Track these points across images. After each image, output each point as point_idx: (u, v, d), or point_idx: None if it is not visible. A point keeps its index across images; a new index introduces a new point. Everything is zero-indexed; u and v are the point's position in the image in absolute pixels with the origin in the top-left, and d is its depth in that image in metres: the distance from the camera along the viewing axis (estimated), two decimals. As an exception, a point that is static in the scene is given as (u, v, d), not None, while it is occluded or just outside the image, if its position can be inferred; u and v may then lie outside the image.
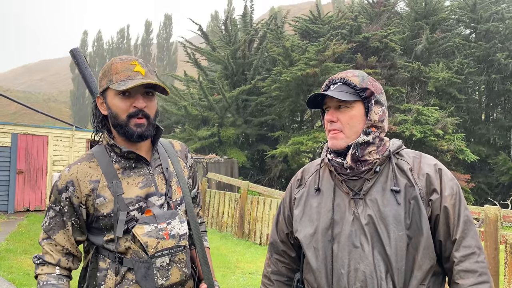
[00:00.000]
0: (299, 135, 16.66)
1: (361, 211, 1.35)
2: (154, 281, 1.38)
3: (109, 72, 1.44)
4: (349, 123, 1.40)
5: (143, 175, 1.48)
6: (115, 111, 1.43)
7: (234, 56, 19.44)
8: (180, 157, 1.65)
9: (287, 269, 1.61)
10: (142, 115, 1.43)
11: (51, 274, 1.41)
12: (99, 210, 1.41)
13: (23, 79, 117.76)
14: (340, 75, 1.45)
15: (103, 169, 1.44)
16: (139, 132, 1.43)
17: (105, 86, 1.44)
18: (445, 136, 15.10)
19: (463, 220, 1.32)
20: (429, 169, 1.37)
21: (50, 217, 1.44)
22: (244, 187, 8.87)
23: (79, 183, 1.42)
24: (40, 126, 11.92)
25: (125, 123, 1.43)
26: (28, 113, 53.97)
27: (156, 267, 1.38)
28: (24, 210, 10.97)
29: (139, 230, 1.38)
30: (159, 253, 1.38)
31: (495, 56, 17.59)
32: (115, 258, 1.42)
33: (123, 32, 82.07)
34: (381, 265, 1.29)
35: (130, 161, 1.48)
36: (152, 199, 1.45)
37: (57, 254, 1.43)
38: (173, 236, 1.42)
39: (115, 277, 1.41)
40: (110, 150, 1.48)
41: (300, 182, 1.59)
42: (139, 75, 1.43)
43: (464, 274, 1.28)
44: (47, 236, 1.44)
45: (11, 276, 5.36)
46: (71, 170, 1.44)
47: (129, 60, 1.45)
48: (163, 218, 1.42)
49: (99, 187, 1.42)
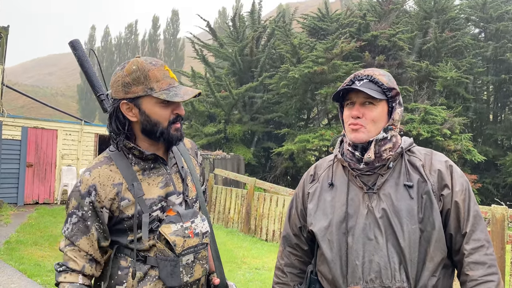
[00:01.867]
0: (305, 133, 16.67)
1: (375, 205, 1.40)
2: (180, 278, 1.40)
3: (146, 79, 1.41)
4: (373, 119, 1.44)
5: (162, 175, 1.49)
6: (156, 119, 1.43)
7: (242, 53, 19.46)
8: (191, 155, 1.67)
9: (299, 262, 1.65)
10: (180, 120, 1.48)
11: (74, 284, 1.37)
12: (124, 212, 1.41)
13: (31, 73, 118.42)
14: (366, 72, 1.49)
15: (123, 172, 1.44)
16: (179, 136, 1.48)
17: (143, 93, 1.41)
18: (452, 136, 15.04)
19: (472, 215, 1.38)
20: (441, 166, 1.43)
21: (72, 223, 1.41)
22: (251, 184, 8.92)
23: (103, 186, 1.40)
24: (49, 120, 12.03)
25: (166, 130, 1.44)
26: (35, 107, 54.32)
27: (182, 264, 1.41)
28: (33, 202, 11.11)
29: (167, 229, 1.40)
30: (185, 251, 1.41)
31: (504, 56, 17.46)
32: (137, 256, 1.42)
33: (131, 27, 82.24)
34: (394, 257, 1.34)
35: (149, 162, 1.48)
36: (172, 198, 1.48)
37: (81, 260, 1.39)
38: (197, 234, 1.45)
39: (138, 274, 1.41)
40: (128, 152, 1.47)
41: (313, 178, 1.63)
42: (175, 81, 1.46)
43: (474, 266, 1.33)
44: (70, 242, 1.40)
45: (22, 267, 5.46)
46: (92, 174, 1.42)
47: (162, 66, 1.44)
48: (187, 217, 1.45)
49: (122, 190, 1.42)
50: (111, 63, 76.73)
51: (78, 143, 12.16)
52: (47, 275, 5.23)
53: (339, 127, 16.23)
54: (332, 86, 15.83)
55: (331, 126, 17.47)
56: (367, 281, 1.36)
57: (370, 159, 1.43)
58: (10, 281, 4.92)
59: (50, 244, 6.82)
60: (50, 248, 6.64)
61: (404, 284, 1.33)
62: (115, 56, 78.81)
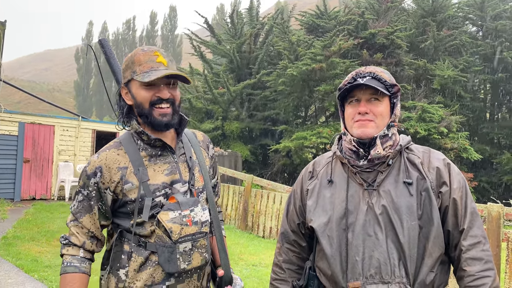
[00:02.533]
0: (303, 130, 16.68)
1: (375, 201, 1.42)
2: (177, 265, 1.44)
3: (132, 63, 1.48)
4: (381, 114, 1.46)
5: (168, 163, 1.54)
6: (139, 101, 1.48)
7: (240, 50, 19.43)
8: (202, 147, 1.71)
9: (297, 258, 1.66)
10: (168, 103, 1.49)
11: (75, 256, 1.47)
12: (127, 196, 1.47)
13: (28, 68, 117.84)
14: (368, 70, 1.50)
15: (130, 157, 1.50)
16: (166, 121, 1.49)
17: (129, 77, 1.49)
18: (449, 134, 15.10)
19: (470, 212, 1.40)
20: (439, 163, 1.45)
21: (78, 201, 1.49)
22: (249, 181, 8.93)
23: (108, 169, 1.47)
24: (47, 116, 12.00)
25: (148, 112, 1.48)
26: (32, 102, 54.12)
27: (179, 252, 1.44)
28: (30, 198, 11.09)
29: (164, 216, 1.44)
30: (182, 238, 1.45)
31: (502, 55, 17.52)
32: (138, 242, 1.48)
33: (129, 23, 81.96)
34: (394, 253, 1.36)
35: (156, 149, 1.53)
36: (177, 186, 1.52)
37: (82, 236, 1.48)
38: (196, 223, 1.49)
39: (139, 259, 1.47)
40: (137, 138, 1.53)
41: (312, 174, 1.64)
42: (162, 66, 1.47)
43: (471, 262, 1.35)
44: (75, 218, 1.49)
45: (19, 262, 5.46)
46: (100, 157, 1.49)
47: (151, 51, 1.49)
48: (186, 205, 1.49)
49: (127, 174, 1.47)
50: (109, 59, 76.38)
51: (75, 139, 12.14)
52: (44, 270, 5.23)
53: (337, 125, 16.25)
54: (330, 84, 15.83)
55: (328, 123, 17.48)
56: (367, 276, 1.37)
57: (380, 154, 1.44)
58: (7, 277, 4.92)
59: (47, 240, 6.82)
60: (47, 243, 6.63)
61: (403, 280, 1.35)
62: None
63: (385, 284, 1.35)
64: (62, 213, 9.29)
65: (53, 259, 5.79)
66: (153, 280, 1.47)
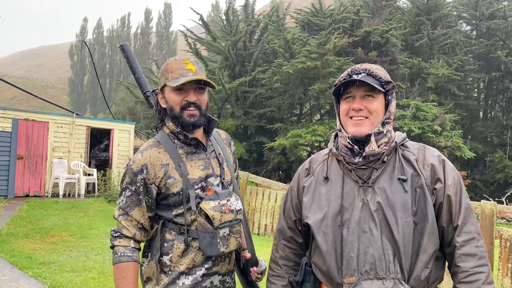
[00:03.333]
0: (298, 128, 16.70)
1: (370, 198, 1.43)
2: (218, 248, 1.62)
3: (166, 71, 1.69)
4: (375, 111, 1.47)
5: (202, 159, 1.73)
6: (171, 104, 1.68)
7: (235, 47, 19.39)
8: (226, 145, 1.90)
9: (294, 254, 1.68)
10: (194, 107, 1.66)
11: (127, 247, 1.63)
12: (170, 189, 1.64)
13: (21, 65, 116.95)
14: (363, 66, 1.51)
15: (170, 154, 1.67)
16: (192, 122, 1.66)
17: (163, 83, 1.70)
18: (443, 132, 15.18)
19: (464, 208, 1.41)
20: (434, 160, 1.45)
21: (126, 196, 1.65)
22: (244, 178, 8.93)
23: (153, 166, 1.64)
24: (41, 112, 11.93)
25: (179, 114, 1.67)
26: (26, 99, 53.74)
27: (219, 236, 1.62)
28: (23, 195, 11.03)
29: (206, 205, 1.62)
30: (222, 225, 1.63)
31: (495, 54, 17.63)
32: (180, 230, 1.66)
33: (124, 20, 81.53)
34: (389, 249, 1.37)
35: (191, 147, 1.73)
36: (211, 180, 1.71)
37: (133, 228, 1.64)
38: (232, 211, 1.67)
39: (182, 246, 1.65)
40: (174, 137, 1.72)
41: (308, 171, 1.65)
42: (190, 73, 1.66)
43: (465, 258, 1.36)
44: (124, 212, 1.65)
45: (13, 259, 5.43)
46: (144, 155, 1.65)
47: (182, 60, 1.69)
48: (223, 196, 1.68)
49: (169, 170, 1.65)
50: (102, 56, 76.06)
51: (69, 136, 12.07)
52: (39, 267, 5.22)
53: (331, 123, 16.29)
54: (325, 82, 15.85)
55: (323, 121, 17.52)
56: (362, 272, 1.38)
57: (374, 151, 1.45)
58: (1, 273, 4.90)
59: (41, 237, 6.79)
60: (41, 240, 6.61)
61: (398, 276, 1.35)
62: (106, 48, 78.12)
63: (379, 279, 1.36)
64: (56, 210, 9.25)
65: (47, 256, 5.77)
66: (194, 264, 1.65)
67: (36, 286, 4.60)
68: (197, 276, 1.65)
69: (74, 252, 6.15)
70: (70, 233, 7.21)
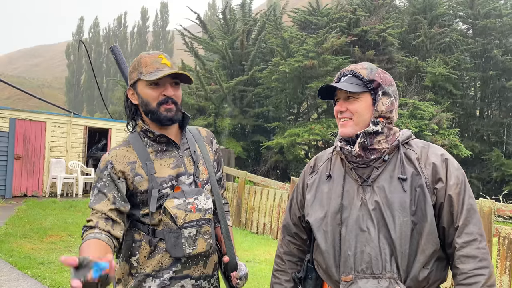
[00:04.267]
0: (295, 127, 16.73)
1: (368, 197, 1.43)
2: (183, 249, 1.55)
3: (139, 65, 1.62)
4: (357, 111, 1.47)
5: (173, 157, 1.66)
6: (146, 99, 1.61)
7: (232, 46, 19.39)
8: (206, 142, 1.84)
9: (298, 250, 1.70)
10: (172, 102, 1.62)
11: (89, 234, 1.47)
12: (137, 187, 1.59)
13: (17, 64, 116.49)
14: (350, 68, 1.53)
15: (138, 153, 1.63)
16: (169, 116, 1.61)
17: (136, 78, 1.62)
18: (440, 131, 15.24)
19: (466, 208, 1.39)
20: (436, 159, 1.44)
21: (94, 194, 1.58)
22: (242, 177, 8.95)
23: (118, 163, 1.59)
24: (38, 112, 11.89)
25: (156, 110, 1.60)
26: (22, 98, 53.55)
27: (185, 236, 1.55)
28: (21, 195, 11.01)
29: (170, 203, 1.56)
30: (187, 224, 1.55)
31: (491, 53, 17.69)
32: (148, 231, 1.60)
33: (120, 19, 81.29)
34: (386, 248, 1.37)
35: (162, 144, 1.66)
36: (182, 178, 1.64)
37: (96, 218, 1.52)
38: (200, 210, 1.59)
39: (148, 247, 1.59)
40: (144, 135, 1.66)
41: (313, 169, 1.67)
42: (166, 67, 1.61)
43: (465, 259, 1.35)
44: (92, 209, 1.56)
45: (12, 259, 5.43)
46: (110, 154, 1.62)
47: (156, 54, 1.63)
48: (190, 194, 1.60)
49: (136, 167, 1.60)
50: (99, 55, 75.82)
51: (67, 135, 12.05)
52: (38, 267, 5.21)
53: (329, 122, 16.32)
54: (322, 81, 15.88)
55: (320, 120, 17.55)
56: (358, 271, 1.39)
57: (356, 152, 1.46)
58: (0, 274, 4.89)
59: (40, 237, 6.79)
60: (40, 240, 6.60)
61: (394, 275, 1.35)
62: (103, 48, 77.85)
63: (375, 278, 1.37)
64: (54, 210, 9.24)
65: (46, 256, 5.77)
66: (161, 266, 1.58)
67: (36, 286, 4.60)
68: (164, 280, 1.58)
69: (73, 251, 6.15)
70: (68, 233, 7.20)
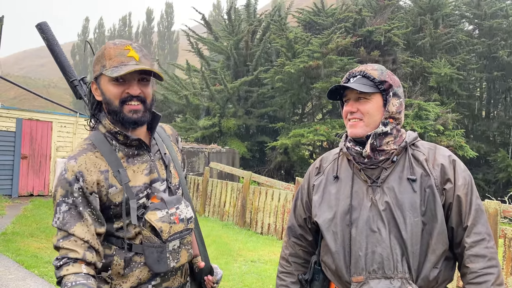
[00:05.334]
0: (299, 127, 16.71)
1: (378, 198, 1.44)
2: (167, 264, 1.41)
3: (102, 57, 1.40)
4: (368, 112, 1.48)
5: (146, 162, 1.48)
6: (108, 97, 1.40)
7: (237, 47, 19.41)
8: (172, 141, 1.66)
9: (304, 252, 1.69)
10: (138, 100, 1.40)
11: (79, 274, 1.28)
12: (111, 200, 1.39)
13: (23, 64, 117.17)
14: (360, 69, 1.53)
15: (107, 159, 1.41)
16: (135, 119, 1.40)
17: (99, 72, 1.41)
18: (445, 132, 15.17)
19: (474, 208, 1.41)
20: (444, 160, 1.45)
21: (63, 212, 1.33)
22: (247, 177, 8.96)
23: (89, 173, 1.36)
24: (44, 112, 11.95)
25: (119, 109, 1.39)
26: (28, 98, 53.82)
27: (169, 250, 1.41)
28: (27, 194, 11.08)
29: (152, 216, 1.40)
30: (171, 237, 1.42)
31: (497, 53, 17.59)
32: (122, 245, 1.42)
33: (125, 19, 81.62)
34: (397, 249, 1.38)
35: (132, 148, 1.46)
36: (156, 185, 1.47)
37: (79, 248, 1.31)
38: (182, 220, 1.46)
39: (122, 262, 1.41)
40: (112, 137, 1.44)
41: (318, 170, 1.67)
42: (133, 61, 1.38)
43: (475, 259, 1.36)
44: (64, 232, 1.32)
45: (19, 258, 5.47)
46: (78, 162, 1.37)
47: (122, 45, 1.41)
48: (171, 203, 1.45)
49: (109, 177, 1.39)
50: (104, 55, 76.09)
51: (73, 135, 12.11)
52: (45, 266, 5.26)
53: (333, 122, 16.30)
54: (327, 81, 15.87)
55: (325, 121, 17.53)
56: (370, 271, 1.39)
57: (366, 153, 1.47)
58: (7, 272, 4.94)
59: (47, 236, 6.83)
60: (47, 240, 6.65)
61: (406, 275, 1.36)
62: (108, 48, 78.16)
63: (387, 279, 1.37)
64: (60, 210, 9.28)
65: (52, 255, 5.80)
66: (139, 281, 1.43)
67: (43, 284, 4.63)
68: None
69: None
70: (74, 232, 7.25)
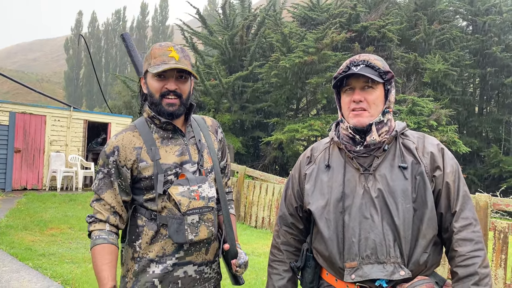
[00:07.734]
0: (294, 122, 16.74)
1: (371, 185, 1.48)
2: (185, 235, 1.57)
3: (149, 56, 1.66)
4: (374, 102, 1.51)
5: (179, 145, 1.69)
6: (151, 90, 1.65)
7: (232, 42, 19.36)
8: (211, 131, 1.86)
9: (295, 240, 1.72)
10: (174, 95, 1.64)
11: (102, 230, 1.60)
12: (142, 173, 1.62)
13: (16, 58, 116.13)
14: (362, 58, 1.55)
15: (144, 138, 1.65)
16: (170, 111, 1.64)
17: (145, 69, 1.67)
18: (439, 127, 15.27)
19: (462, 195, 1.46)
20: (433, 148, 1.50)
21: (99, 179, 1.64)
22: (242, 172, 8.99)
23: (124, 148, 1.62)
24: (38, 106, 11.91)
25: (158, 102, 1.64)
26: (21, 93, 53.44)
27: (187, 223, 1.57)
28: (21, 188, 11.05)
29: (174, 190, 1.58)
30: (190, 211, 1.58)
31: (491, 49, 17.70)
32: (150, 216, 1.63)
33: (119, 13, 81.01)
34: (389, 234, 1.42)
35: (168, 132, 1.69)
36: (186, 166, 1.67)
37: (106, 212, 1.61)
38: (203, 198, 1.61)
39: (150, 232, 1.62)
40: (151, 122, 1.69)
41: (310, 159, 1.69)
42: (173, 60, 1.62)
43: (462, 242, 1.41)
44: (97, 196, 1.63)
45: (13, 251, 5.48)
46: (117, 138, 1.65)
47: (166, 46, 1.65)
48: (195, 181, 1.62)
49: (141, 153, 1.63)
50: (98, 50, 75.64)
51: (67, 129, 12.07)
52: (39, 258, 5.26)
53: (328, 118, 16.34)
54: (322, 76, 15.90)
55: (320, 116, 17.57)
56: (363, 257, 1.43)
57: (375, 140, 1.50)
58: (2, 265, 4.94)
59: (40, 229, 6.83)
60: (40, 233, 6.65)
61: (398, 260, 1.40)
62: (102, 42, 77.65)
63: (380, 264, 1.41)
64: (54, 203, 9.28)
65: (46, 247, 5.81)
66: (164, 252, 1.61)
67: (37, 276, 4.64)
68: (167, 266, 1.61)
69: (73, 244, 6.19)
70: (68, 226, 7.25)
